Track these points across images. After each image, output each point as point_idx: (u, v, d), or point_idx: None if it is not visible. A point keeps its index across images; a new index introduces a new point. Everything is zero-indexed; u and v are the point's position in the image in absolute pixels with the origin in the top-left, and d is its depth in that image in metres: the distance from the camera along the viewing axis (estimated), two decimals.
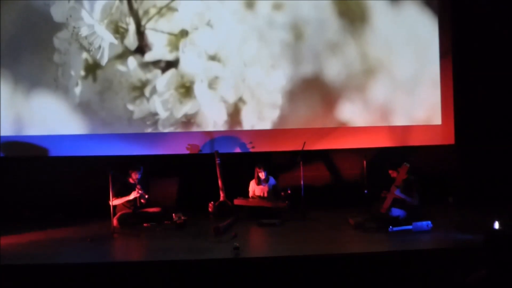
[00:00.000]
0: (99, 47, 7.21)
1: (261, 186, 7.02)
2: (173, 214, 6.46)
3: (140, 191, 6.55)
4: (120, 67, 7.29)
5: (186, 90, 7.25)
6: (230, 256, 4.94)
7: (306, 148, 7.05)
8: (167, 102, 7.27)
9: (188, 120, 7.32)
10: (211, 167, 7.08)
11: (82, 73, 7.30)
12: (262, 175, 6.96)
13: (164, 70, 7.30)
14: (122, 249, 5.73)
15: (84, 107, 7.34)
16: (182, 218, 6.40)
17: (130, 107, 7.31)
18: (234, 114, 7.42)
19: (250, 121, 7.42)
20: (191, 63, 7.29)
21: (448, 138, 7.58)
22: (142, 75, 7.29)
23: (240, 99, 7.35)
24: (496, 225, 5.39)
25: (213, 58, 7.30)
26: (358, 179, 7.39)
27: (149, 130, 7.31)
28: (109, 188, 6.12)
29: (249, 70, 7.35)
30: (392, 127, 7.54)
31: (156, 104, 7.28)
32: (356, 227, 6.07)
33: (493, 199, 7.02)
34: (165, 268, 4.86)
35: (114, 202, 6.33)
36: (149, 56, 7.30)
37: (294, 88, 7.42)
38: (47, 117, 7.34)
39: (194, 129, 7.34)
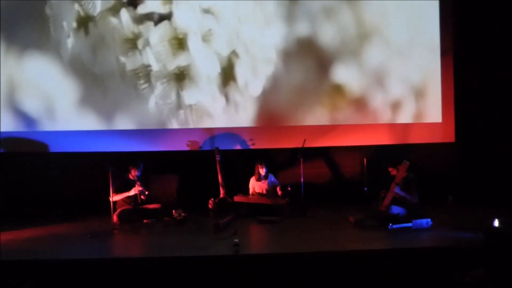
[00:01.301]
0: None
1: (260, 183, 7.02)
2: (173, 211, 6.47)
3: (140, 188, 6.56)
4: (112, 20, 7.23)
5: (179, 42, 7.20)
6: (229, 253, 4.95)
7: (307, 145, 7.05)
8: (159, 54, 7.21)
9: (181, 72, 7.23)
10: (211, 164, 7.08)
11: (74, 25, 7.24)
12: (262, 171, 6.97)
13: (157, 22, 7.23)
14: (122, 245, 5.73)
15: (76, 64, 7.29)
16: (182, 214, 6.41)
17: (122, 59, 7.26)
18: (228, 69, 7.35)
19: (244, 76, 7.36)
20: (185, 15, 7.23)
21: (448, 136, 7.58)
22: (135, 27, 7.24)
23: (234, 53, 7.28)
24: (496, 223, 5.40)
25: (207, 11, 7.24)
26: (358, 176, 7.39)
27: (141, 82, 7.22)
28: (109, 185, 6.13)
29: (243, 26, 7.29)
30: (392, 124, 7.53)
31: (149, 56, 7.20)
32: (356, 225, 6.08)
33: (493, 198, 7.02)
34: (165, 264, 4.87)
35: (114, 198, 6.33)
36: (141, 9, 7.23)
37: (288, 48, 7.39)
38: (40, 80, 7.33)
39: (187, 83, 7.23)
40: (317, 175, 7.55)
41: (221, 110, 7.42)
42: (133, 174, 6.71)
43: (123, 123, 7.41)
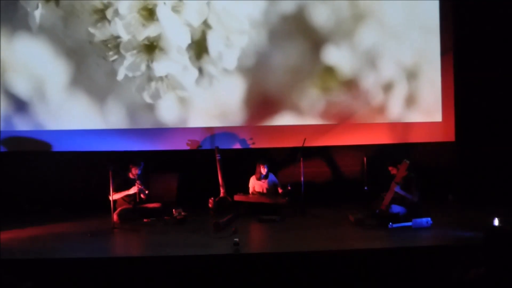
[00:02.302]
0: None
1: (260, 182, 7.03)
2: (173, 210, 6.47)
3: (139, 186, 6.56)
4: None
5: (148, 12, 7.05)
6: (230, 252, 4.95)
7: (307, 144, 7.05)
8: (129, 25, 7.07)
9: (151, 43, 7.10)
10: (212, 163, 7.08)
11: None
12: (264, 171, 6.97)
13: None
14: (122, 244, 5.74)
15: (48, 34, 7.23)
16: (182, 213, 6.41)
17: (92, 30, 7.21)
18: (200, 40, 7.18)
19: (217, 47, 7.21)
20: None
21: (448, 135, 7.57)
22: None
23: (205, 23, 7.14)
24: (496, 222, 5.40)
25: None
26: (358, 175, 7.40)
27: (110, 53, 7.13)
28: (109, 184, 6.13)
29: None
30: (392, 123, 7.53)
31: (118, 27, 7.03)
32: (356, 224, 6.08)
33: (493, 197, 7.01)
34: (165, 263, 4.87)
35: (114, 196, 6.33)
36: None
37: (273, 24, 7.28)
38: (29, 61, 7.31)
39: (158, 54, 7.07)
40: (318, 174, 7.55)
41: (193, 82, 7.28)
42: (134, 172, 6.71)
43: (90, 96, 7.35)
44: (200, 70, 7.26)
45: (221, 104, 7.42)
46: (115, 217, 6.35)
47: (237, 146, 7.50)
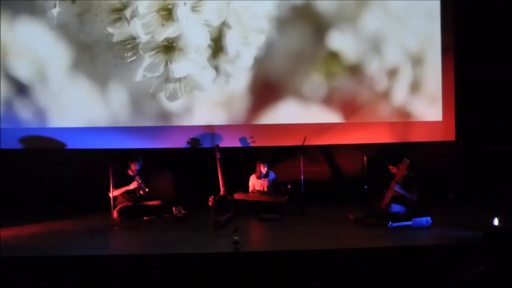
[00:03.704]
0: None
1: (261, 181, 7.03)
2: (173, 208, 6.47)
3: (139, 181, 6.56)
4: None
5: (168, 12, 6.92)
6: (229, 250, 4.95)
7: (307, 143, 7.05)
8: (148, 25, 6.97)
9: (170, 44, 7.05)
10: (212, 161, 7.08)
11: None
12: (264, 170, 6.97)
13: None
14: (122, 242, 5.74)
15: (63, 31, 7.17)
16: (182, 211, 6.41)
17: (110, 29, 7.10)
18: (218, 39, 7.14)
19: (235, 46, 7.16)
20: None
21: (448, 134, 7.56)
22: None
23: (224, 23, 7.10)
24: (496, 221, 5.40)
25: None
26: (358, 174, 7.40)
27: (129, 54, 7.10)
28: (109, 181, 6.13)
29: None
30: (392, 123, 7.52)
31: (137, 27, 6.91)
32: (356, 223, 6.09)
33: (493, 196, 7.01)
34: (165, 261, 4.87)
35: (114, 193, 6.33)
36: None
37: (282, 15, 7.26)
38: (30, 45, 7.25)
39: (176, 55, 6.95)
40: (317, 173, 7.55)
41: (211, 82, 7.25)
42: (133, 168, 6.72)
43: (114, 93, 7.29)
44: (217, 69, 7.25)
45: (225, 91, 7.38)
46: (115, 214, 6.36)
47: (238, 144, 7.49)
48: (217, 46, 7.14)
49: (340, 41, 7.36)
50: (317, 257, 4.89)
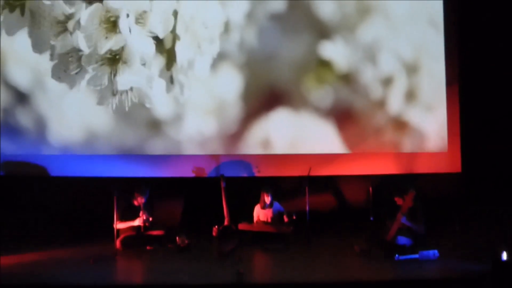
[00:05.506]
0: None
1: (265, 211, 6.99)
2: (177, 238, 6.41)
3: (144, 218, 6.49)
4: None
5: (112, 25, 6.97)
6: (233, 281, 4.89)
7: (312, 174, 7.03)
8: (90, 38, 7.01)
9: (114, 56, 7.03)
10: (217, 191, 7.06)
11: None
12: (268, 199, 6.94)
13: (89, 3, 7.15)
14: (125, 271, 5.69)
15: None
16: (186, 241, 6.35)
17: (53, 41, 7.12)
18: (170, 50, 7.25)
19: (186, 56, 7.26)
20: None
21: (454, 166, 7.54)
22: (66, 8, 7.10)
23: (173, 33, 7.19)
24: (504, 256, 5.31)
25: None
26: (363, 205, 7.35)
27: (73, 66, 7.13)
28: (113, 210, 6.11)
29: (182, 3, 7.22)
30: (398, 153, 7.51)
31: (79, 40, 7.03)
32: (362, 254, 6.01)
33: (500, 228, 6.93)
34: None
35: (118, 226, 6.31)
36: None
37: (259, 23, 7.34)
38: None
39: (121, 67, 7.07)
40: (323, 204, 7.51)
41: (163, 93, 7.28)
42: (139, 201, 6.64)
43: None
44: (171, 80, 7.24)
45: (217, 98, 7.42)
46: (118, 244, 6.31)
47: (243, 174, 7.49)
48: (170, 57, 7.17)
49: (334, 50, 7.43)
50: None
